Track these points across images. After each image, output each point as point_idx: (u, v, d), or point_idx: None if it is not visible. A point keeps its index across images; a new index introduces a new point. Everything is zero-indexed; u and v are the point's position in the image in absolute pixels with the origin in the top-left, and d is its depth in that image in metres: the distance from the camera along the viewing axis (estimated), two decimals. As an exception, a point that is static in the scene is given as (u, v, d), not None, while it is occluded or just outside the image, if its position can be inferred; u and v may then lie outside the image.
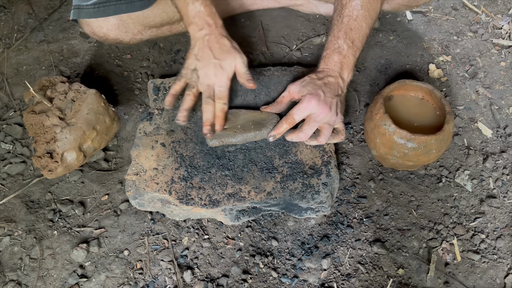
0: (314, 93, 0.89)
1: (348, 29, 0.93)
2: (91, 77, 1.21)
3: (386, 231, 0.95)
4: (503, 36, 1.27)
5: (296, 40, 1.27)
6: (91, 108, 0.96)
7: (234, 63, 0.91)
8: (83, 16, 1.07)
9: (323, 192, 0.89)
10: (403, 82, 0.98)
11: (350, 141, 1.07)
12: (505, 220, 0.96)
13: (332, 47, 0.94)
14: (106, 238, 0.95)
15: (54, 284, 0.89)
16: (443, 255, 0.91)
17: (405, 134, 0.88)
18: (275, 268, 0.90)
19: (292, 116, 0.90)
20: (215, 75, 0.91)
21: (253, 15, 1.32)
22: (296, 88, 0.93)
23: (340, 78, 0.93)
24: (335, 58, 0.93)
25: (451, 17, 1.33)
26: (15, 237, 0.95)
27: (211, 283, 0.88)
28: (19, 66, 1.24)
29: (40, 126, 0.94)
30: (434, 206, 0.98)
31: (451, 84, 1.18)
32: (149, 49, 1.26)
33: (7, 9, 1.38)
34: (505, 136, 1.08)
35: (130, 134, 1.10)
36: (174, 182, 0.90)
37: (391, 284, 0.88)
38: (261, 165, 0.92)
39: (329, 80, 0.92)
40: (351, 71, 0.95)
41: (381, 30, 1.29)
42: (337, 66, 0.93)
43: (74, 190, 1.02)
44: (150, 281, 0.88)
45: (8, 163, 1.05)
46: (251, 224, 0.95)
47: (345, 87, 0.95)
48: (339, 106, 0.92)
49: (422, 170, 1.03)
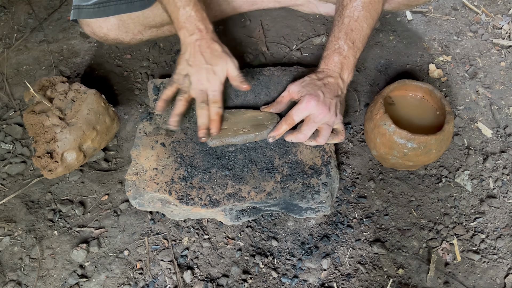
0: (314, 94, 0.89)
1: (349, 29, 0.93)
2: (91, 77, 1.21)
3: (386, 231, 0.95)
4: (503, 36, 1.27)
5: (296, 40, 1.27)
6: (91, 108, 0.96)
7: (226, 67, 0.91)
8: (83, 16, 1.07)
9: (323, 192, 0.89)
10: (403, 82, 0.98)
11: (350, 141, 1.07)
12: (505, 220, 0.96)
13: (333, 47, 0.94)
14: (106, 238, 0.95)
15: (54, 284, 0.89)
16: (443, 255, 0.91)
17: (405, 134, 0.88)
18: (275, 268, 0.90)
19: (291, 117, 0.90)
20: (208, 80, 0.91)
21: (253, 15, 1.32)
22: (295, 88, 0.93)
23: (340, 79, 0.94)
24: (335, 58, 0.93)
25: (451, 17, 1.33)
26: (15, 237, 0.95)
27: (211, 283, 0.88)
28: (19, 66, 1.24)
29: (40, 126, 0.94)
30: (434, 206, 0.98)
31: (451, 84, 1.18)
32: (149, 49, 1.26)
33: (7, 9, 1.38)
34: (505, 136, 1.08)
35: (130, 134, 1.10)
36: (174, 182, 0.90)
37: (391, 284, 0.88)
38: (261, 165, 0.92)
39: (329, 81, 0.92)
40: (351, 72, 0.95)
41: (381, 30, 1.29)
42: (337, 66, 0.93)
43: (74, 190, 1.02)
44: (150, 281, 0.88)
45: (8, 163, 1.05)
46: (251, 224, 0.95)
47: (345, 87, 0.95)
48: (338, 107, 0.92)
49: (422, 170, 1.03)
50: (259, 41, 1.27)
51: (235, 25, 1.31)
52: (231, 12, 1.30)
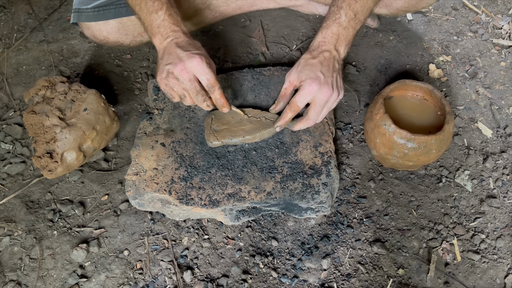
0: (314, 77, 0.86)
1: (353, 0, 0.89)
2: (91, 77, 1.21)
3: (386, 231, 0.95)
4: (503, 36, 1.27)
5: (296, 40, 1.27)
6: (91, 108, 0.96)
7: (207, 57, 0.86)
8: (83, 20, 1.08)
9: (323, 192, 0.89)
10: (403, 82, 0.98)
11: (350, 141, 1.07)
12: (505, 220, 0.96)
13: (333, 17, 0.90)
14: (106, 238, 0.95)
15: (54, 284, 0.89)
16: (443, 255, 0.91)
17: (405, 134, 0.88)
18: (275, 268, 0.90)
19: (295, 104, 0.89)
20: (194, 64, 0.82)
21: (253, 15, 1.32)
22: (294, 76, 0.90)
23: (335, 51, 0.90)
24: (333, 29, 0.90)
25: (451, 17, 1.33)
26: (15, 237, 0.95)
27: (211, 283, 0.88)
28: (19, 66, 1.24)
29: (40, 126, 0.94)
30: (434, 206, 0.98)
31: (451, 84, 1.18)
32: (149, 49, 1.26)
33: (7, 9, 1.38)
34: (505, 136, 1.08)
35: (130, 134, 1.10)
36: (174, 182, 0.90)
37: (391, 284, 0.88)
38: (261, 165, 0.92)
39: (325, 56, 0.89)
40: (348, 45, 0.92)
41: (381, 30, 1.29)
42: (334, 38, 0.90)
43: (74, 190, 1.02)
44: (150, 281, 0.88)
45: (8, 163, 1.05)
46: (251, 224, 0.95)
47: (341, 59, 0.92)
48: (339, 81, 0.90)
49: (422, 170, 1.03)
50: (259, 41, 1.27)
51: (235, 25, 1.31)
52: (231, 13, 1.30)
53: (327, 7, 1.25)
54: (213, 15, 1.25)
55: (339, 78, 0.90)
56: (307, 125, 0.91)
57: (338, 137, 1.07)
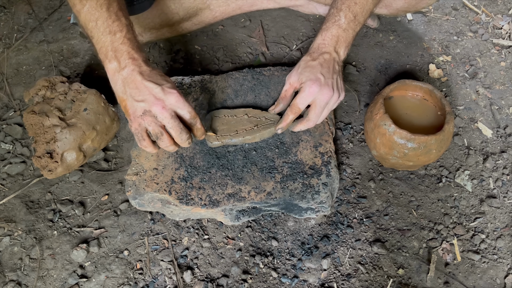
0: (314, 78, 0.87)
1: (352, 2, 0.90)
2: (91, 77, 1.21)
3: (386, 231, 0.95)
4: (503, 36, 1.27)
5: (296, 40, 1.27)
6: (91, 108, 0.96)
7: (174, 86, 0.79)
8: None
9: (323, 192, 0.89)
10: (403, 82, 0.98)
11: (350, 141, 1.07)
12: (505, 220, 0.96)
13: (333, 19, 0.90)
14: (106, 238, 0.95)
15: (54, 284, 0.89)
16: (443, 255, 0.91)
17: (405, 134, 0.88)
18: (275, 268, 0.90)
19: (296, 106, 0.89)
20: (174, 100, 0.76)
21: (253, 15, 1.32)
22: (295, 78, 0.91)
23: (335, 52, 0.90)
24: (333, 31, 0.90)
25: (451, 17, 1.33)
26: (15, 237, 0.95)
27: (211, 283, 0.88)
28: (19, 66, 1.24)
29: (40, 126, 0.94)
30: (434, 206, 0.98)
31: (451, 84, 1.18)
32: (149, 49, 1.26)
33: (7, 9, 1.38)
34: (505, 136, 1.08)
35: (130, 134, 1.10)
36: (174, 182, 0.90)
37: (391, 284, 0.88)
38: (261, 165, 0.92)
39: (325, 58, 0.89)
40: (348, 47, 0.92)
41: (381, 30, 1.29)
42: (334, 40, 0.90)
43: (74, 190, 1.02)
44: (150, 281, 0.88)
45: (8, 163, 1.05)
46: (251, 224, 0.95)
47: (341, 61, 0.92)
48: (340, 83, 0.90)
49: (422, 170, 1.03)
50: (259, 41, 1.27)
51: (235, 25, 1.31)
52: (231, 13, 1.30)
53: (327, 7, 1.26)
54: (213, 15, 1.25)
55: (339, 79, 0.90)
56: (307, 126, 0.91)
57: (338, 137, 1.08)
